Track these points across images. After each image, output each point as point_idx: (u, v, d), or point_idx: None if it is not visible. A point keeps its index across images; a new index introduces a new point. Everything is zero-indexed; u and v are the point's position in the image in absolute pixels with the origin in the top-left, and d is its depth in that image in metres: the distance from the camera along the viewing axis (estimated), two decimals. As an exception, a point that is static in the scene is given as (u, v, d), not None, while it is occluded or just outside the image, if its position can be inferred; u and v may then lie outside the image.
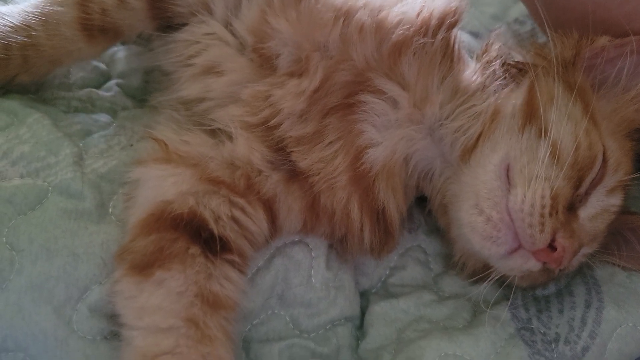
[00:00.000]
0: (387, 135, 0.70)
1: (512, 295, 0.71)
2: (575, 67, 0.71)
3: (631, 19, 0.72)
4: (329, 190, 0.70)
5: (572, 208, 0.66)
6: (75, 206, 0.68)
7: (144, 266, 0.62)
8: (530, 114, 0.67)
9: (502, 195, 0.65)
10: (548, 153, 0.64)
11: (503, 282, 0.70)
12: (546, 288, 0.75)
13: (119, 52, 0.93)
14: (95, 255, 0.65)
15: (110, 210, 0.70)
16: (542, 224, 0.62)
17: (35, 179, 0.69)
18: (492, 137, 0.68)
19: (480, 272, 0.72)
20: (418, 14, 0.70)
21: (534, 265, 0.65)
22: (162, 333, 0.59)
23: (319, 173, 0.69)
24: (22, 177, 0.69)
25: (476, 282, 0.73)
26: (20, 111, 0.74)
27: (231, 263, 0.66)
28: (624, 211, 0.74)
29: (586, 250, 0.69)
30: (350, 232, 0.72)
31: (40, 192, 0.68)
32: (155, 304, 0.60)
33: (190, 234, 0.65)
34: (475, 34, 1.01)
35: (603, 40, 0.70)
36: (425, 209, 0.79)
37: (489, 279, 0.69)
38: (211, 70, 0.73)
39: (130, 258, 0.63)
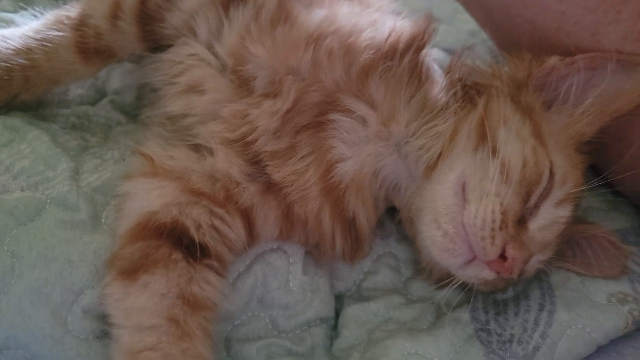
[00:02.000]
0: (356, 151, 0.74)
1: (472, 299, 0.76)
2: (527, 88, 0.75)
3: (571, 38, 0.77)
4: (302, 201, 0.75)
5: (522, 220, 0.70)
6: (71, 217, 0.73)
7: (131, 271, 0.67)
8: (483, 134, 0.71)
9: (458, 211, 0.69)
10: (498, 171, 0.68)
11: (466, 287, 0.75)
12: (505, 292, 0.79)
13: (115, 69, 0.98)
14: (88, 262, 0.70)
15: (103, 220, 0.75)
16: (493, 237, 0.67)
17: (34, 191, 0.74)
18: (450, 156, 0.73)
19: (445, 278, 0.76)
20: (386, 39, 0.74)
21: (488, 274, 0.70)
22: (147, 331, 0.64)
23: (292, 185, 0.74)
24: (22, 190, 0.74)
25: (442, 287, 0.78)
26: (21, 128, 0.79)
27: (211, 267, 0.71)
28: (579, 221, 0.80)
29: (540, 257, 0.73)
30: (323, 239, 0.77)
31: (39, 204, 0.73)
32: (141, 305, 0.65)
33: (173, 241, 0.70)
34: (450, 51, 1.05)
35: (553, 60, 0.75)
36: (396, 218, 0.84)
37: (452, 284, 0.74)
38: (194, 89, 0.77)
39: (119, 264, 0.68)
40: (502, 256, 0.68)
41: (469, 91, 0.77)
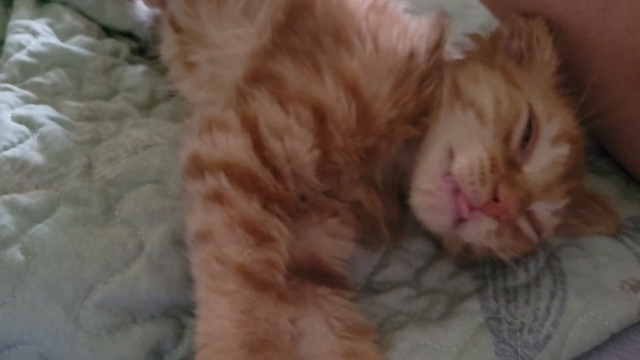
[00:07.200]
0: None
1: (482, 287, 0.76)
2: (496, 51, 0.79)
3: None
4: None
5: (514, 164, 0.70)
6: (83, 213, 0.73)
7: None
8: (456, 94, 0.74)
9: (437, 168, 0.71)
10: (474, 117, 0.71)
11: (478, 275, 0.75)
12: (516, 278, 0.78)
13: (127, 69, 0.99)
14: (99, 257, 0.70)
15: (116, 213, 0.75)
16: (484, 179, 0.67)
17: (48, 189, 0.75)
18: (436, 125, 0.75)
19: (461, 252, 0.77)
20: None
21: (488, 222, 0.69)
22: None
23: None
24: (37, 187, 0.75)
25: (464, 265, 0.80)
26: (35, 121, 0.81)
27: None
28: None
29: (551, 206, 0.73)
30: None
31: (52, 201, 0.74)
32: None
33: None
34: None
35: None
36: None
37: (470, 255, 0.76)
38: None
39: None
40: (496, 200, 0.67)
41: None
